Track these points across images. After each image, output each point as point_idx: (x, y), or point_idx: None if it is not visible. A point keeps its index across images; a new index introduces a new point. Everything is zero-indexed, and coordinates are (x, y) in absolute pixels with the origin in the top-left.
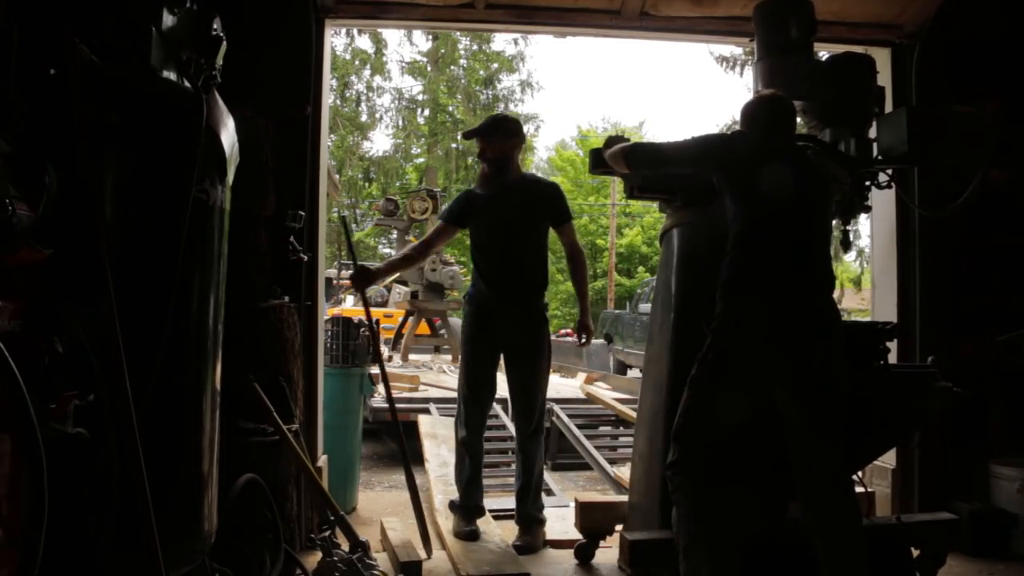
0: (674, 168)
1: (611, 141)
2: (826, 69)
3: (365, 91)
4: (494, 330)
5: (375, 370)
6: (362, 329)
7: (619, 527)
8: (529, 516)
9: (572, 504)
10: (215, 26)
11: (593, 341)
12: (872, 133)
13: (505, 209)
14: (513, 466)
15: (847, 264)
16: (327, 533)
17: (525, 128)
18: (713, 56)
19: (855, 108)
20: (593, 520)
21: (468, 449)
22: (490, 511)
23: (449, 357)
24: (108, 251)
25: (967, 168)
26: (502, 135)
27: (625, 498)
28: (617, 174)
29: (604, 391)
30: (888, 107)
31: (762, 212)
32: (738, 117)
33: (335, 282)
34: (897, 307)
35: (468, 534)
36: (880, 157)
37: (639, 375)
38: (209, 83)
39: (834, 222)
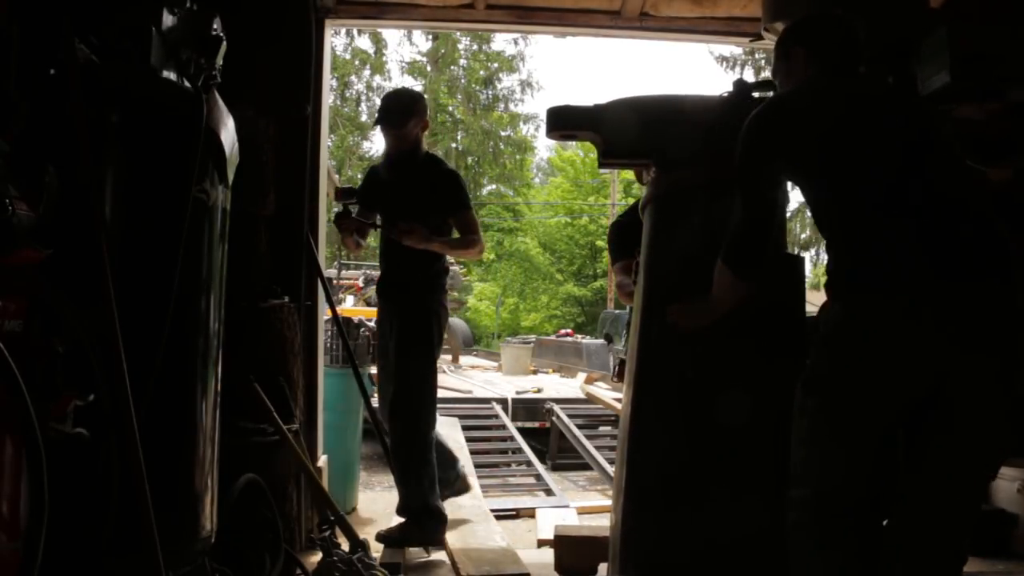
0: (760, 188)
1: (561, 111)
2: None
3: (365, 91)
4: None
5: (375, 370)
6: (362, 329)
7: (603, 566)
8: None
9: (571, 505)
10: (215, 26)
11: (593, 341)
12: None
13: (404, 193)
14: (513, 466)
15: None
16: (327, 533)
17: (525, 128)
18: (713, 56)
19: (889, 37)
20: (571, 559)
21: None
22: (491, 510)
23: (449, 357)
24: (108, 251)
25: None
26: (415, 117)
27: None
28: (581, 138)
29: (604, 391)
30: None
31: (853, 182)
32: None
33: (335, 282)
34: None
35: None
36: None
37: None
38: (209, 83)
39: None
